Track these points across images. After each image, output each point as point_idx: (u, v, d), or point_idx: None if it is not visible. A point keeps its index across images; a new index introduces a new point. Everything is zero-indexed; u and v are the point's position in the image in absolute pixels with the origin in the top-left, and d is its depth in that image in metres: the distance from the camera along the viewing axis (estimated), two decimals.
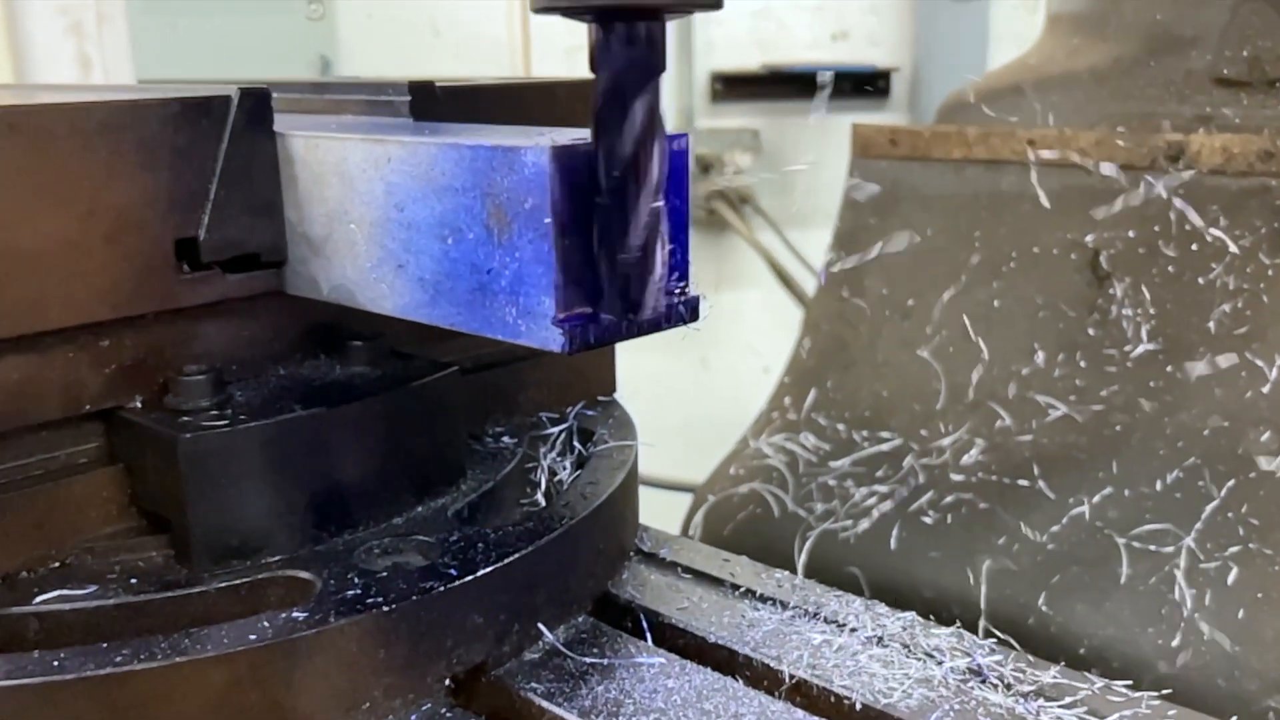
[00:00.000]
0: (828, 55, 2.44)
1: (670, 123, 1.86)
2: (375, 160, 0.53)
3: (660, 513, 1.30)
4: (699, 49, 2.35)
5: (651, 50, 0.48)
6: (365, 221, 0.55)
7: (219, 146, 0.55)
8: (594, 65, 0.48)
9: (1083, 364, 1.07)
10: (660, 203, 0.49)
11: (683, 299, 0.53)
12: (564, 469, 0.69)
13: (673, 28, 0.51)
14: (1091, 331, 1.08)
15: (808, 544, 1.11)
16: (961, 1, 2.28)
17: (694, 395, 2.41)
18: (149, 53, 1.97)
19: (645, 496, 2.16)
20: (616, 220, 0.48)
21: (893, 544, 1.08)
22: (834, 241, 1.30)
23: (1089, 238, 1.09)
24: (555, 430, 0.71)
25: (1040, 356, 1.10)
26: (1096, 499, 1.01)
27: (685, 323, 0.53)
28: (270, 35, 2.05)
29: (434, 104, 0.63)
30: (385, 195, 0.53)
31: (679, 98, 2.39)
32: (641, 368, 2.35)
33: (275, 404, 0.57)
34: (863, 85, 2.45)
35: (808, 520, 1.13)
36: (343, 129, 0.58)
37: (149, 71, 2.04)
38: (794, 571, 1.09)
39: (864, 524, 1.10)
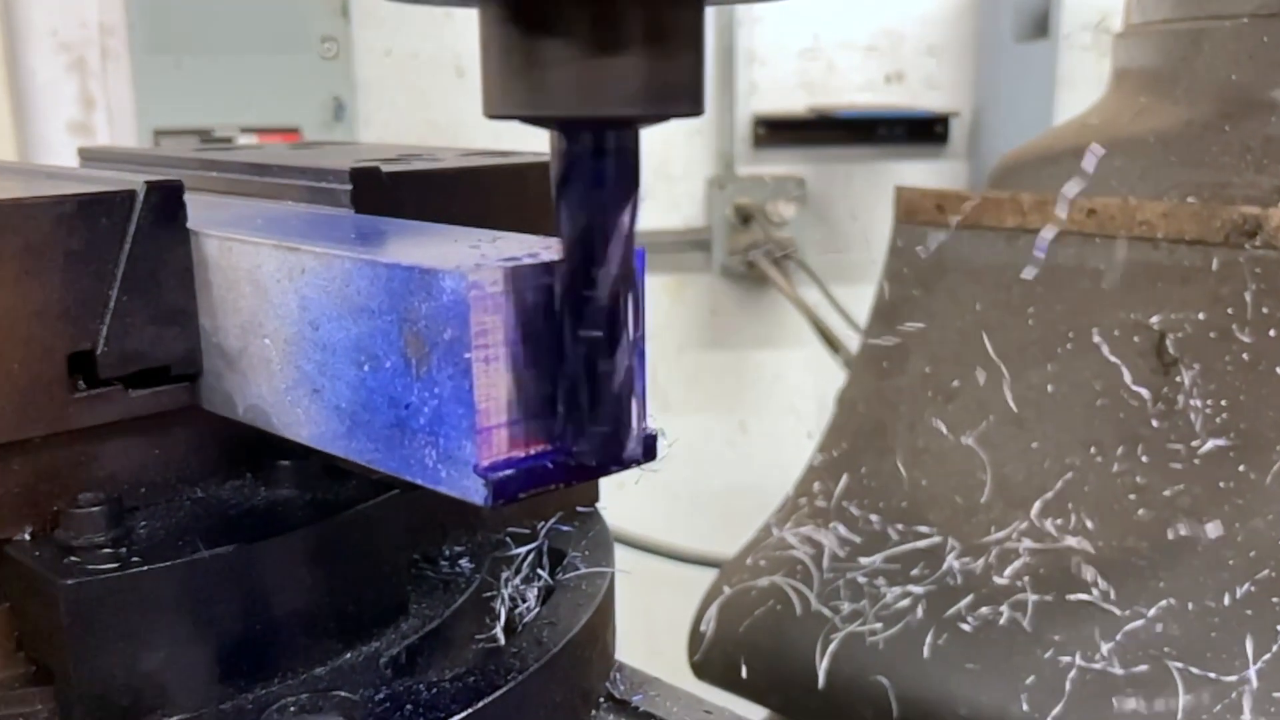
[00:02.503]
0: (881, 98, 2.39)
1: (707, 168, 1.85)
2: (289, 270, 0.49)
3: (692, 590, 1.26)
4: (741, 91, 2.29)
5: (623, 163, 0.44)
6: (280, 337, 0.50)
7: (121, 248, 0.51)
8: (556, 178, 0.44)
9: (1145, 459, 1.02)
10: (635, 334, 0.45)
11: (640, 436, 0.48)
12: (529, 597, 0.64)
13: (713, 67, 0.47)
14: (1155, 423, 1.03)
15: (831, 647, 1.06)
16: (1026, 43, 2.23)
17: (732, 462, 2.37)
18: (153, 92, 1.98)
19: (675, 572, 2.13)
20: (581, 354, 0.45)
21: (926, 652, 1.02)
22: (874, 314, 1.26)
23: (1154, 319, 1.05)
24: (520, 551, 0.66)
25: (1097, 449, 1.05)
26: (1154, 612, 0.96)
27: (640, 464, 0.48)
28: (281, 75, 2.03)
29: (380, 192, 0.59)
30: (299, 310, 0.49)
31: (718, 142, 2.33)
32: (675, 431, 2.34)
33: (181, 539, 0.52)
34: (919, 131, 2.39)
35: (833, 621, 1.08)
36: (269, 225, 0.54)
37: (152, 112, 2.06)
38: (815, 678, 1.06)
39: (895, 628, 1.05)
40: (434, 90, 2.19)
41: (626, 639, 0.71)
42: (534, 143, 0.70)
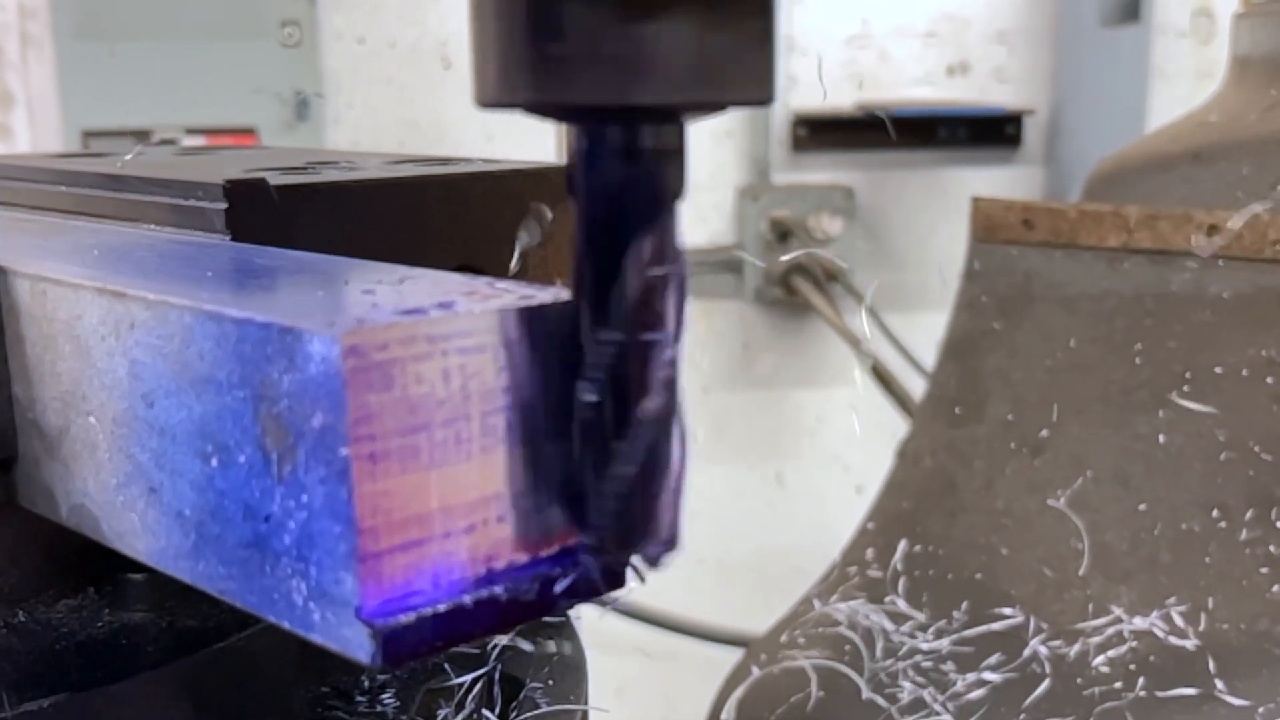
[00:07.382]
0: (942, 93, 2.35)
1: (738, 176, 1.82)
2: (115, 325, 0.41)
3: (720, 673, 1.21)
4: (778, 86, 2.25)
5: (662, 168, 0.39)
6: (106, 415, 0.43)
7: None
8: (574, 185, 0.39)
9: (1279, 524, 1.01)
10: (669, 400, 0.39)
11: None
12: None
13: None
14: None
15: None
16: (1113, 28, 2.19)
17: (767, 520, 2.33)
18: (81, 87, 1.95)
19: (701, 651, 2.08)
20: (604, 423, 0.39)
21: None
22: (945, 350, 1.25)
23: None
24: (463, 680, 0.59)
25: (1221, 512, 1.04)
26: None
27: (601, 596, 0.40)
28: (233, 66, 2.00)
29: (266, 212, 0.51)
30: (130, 379, 0.41)
31: (751, 146, 2.30)
32: (702, 485, 2.28)
33: None
34: (987, 132, 2.36)
35: (889, 712, 1.05)
36: (104, 259, 0.46)
37: (81, 110, 2.02)
38: None
39: None
40: (416, 84, 2.17)
41: None
42: (540, 144, 0.63)
